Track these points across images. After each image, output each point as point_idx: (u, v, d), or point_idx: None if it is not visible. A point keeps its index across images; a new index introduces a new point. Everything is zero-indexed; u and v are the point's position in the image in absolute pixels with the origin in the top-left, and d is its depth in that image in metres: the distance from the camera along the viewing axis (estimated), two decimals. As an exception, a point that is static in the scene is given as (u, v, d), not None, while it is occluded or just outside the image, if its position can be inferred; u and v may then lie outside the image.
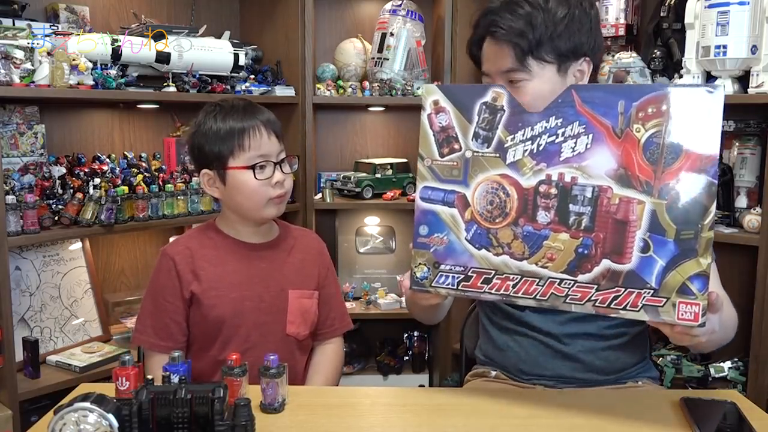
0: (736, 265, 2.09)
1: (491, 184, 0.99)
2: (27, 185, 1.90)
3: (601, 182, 0.93)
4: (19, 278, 2.01)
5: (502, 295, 0.99)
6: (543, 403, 1.09)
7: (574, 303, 0.95)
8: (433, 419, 1.03)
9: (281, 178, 1.35)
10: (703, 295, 0.90)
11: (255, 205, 1.35)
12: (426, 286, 1.03)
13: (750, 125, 2.06)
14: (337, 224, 2.67)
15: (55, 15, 2.11)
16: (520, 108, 0.97)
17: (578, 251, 0.95)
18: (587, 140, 0.94)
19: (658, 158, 0.91)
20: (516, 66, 1.15)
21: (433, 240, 1.02)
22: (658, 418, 1.03)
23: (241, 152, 1.33)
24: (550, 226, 0.96)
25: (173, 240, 1.43)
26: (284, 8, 2.48)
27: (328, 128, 2.80)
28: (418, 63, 2.58)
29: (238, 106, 1.37)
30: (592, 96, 0.93)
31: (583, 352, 1.24)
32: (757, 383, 1.90)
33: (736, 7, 1.87)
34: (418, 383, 2.59)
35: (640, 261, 0.92)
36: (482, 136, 0.99)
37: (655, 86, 0.92)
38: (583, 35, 1.16)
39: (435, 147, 1.01)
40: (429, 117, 1.01)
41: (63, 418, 0.82)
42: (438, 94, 1.01)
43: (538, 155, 0.96)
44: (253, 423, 0.91)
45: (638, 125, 0.91)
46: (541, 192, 0.96)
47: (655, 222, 0.91)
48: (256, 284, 1.38)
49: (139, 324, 1.38)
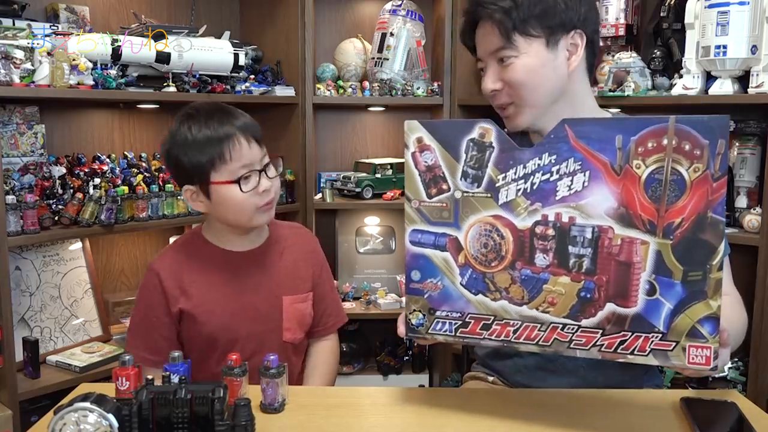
0: (736, 265, 2.09)
1: (484, 225, 0.93)
2: (27, 185, 1.90)
3: (601, 222, 0.88)
4: (19, 278, 2.01)
5: (503, 341, 0.95)
6: (543, 404, 1.09)
7: (578, 348, 0.91)
8: (433, 419, 1.03)
9: (267, 185, 1.29)
10: (714, 338, 0.85)
11: (243, 217, 1.29)
12: (422, 333, 0.99)
13: (750, 125, 2.06)
14: (337, 224, 2.67)
15: (55, 15, 2.11)
16: (510, 144, 0.91)
17: (580, 295, 0.90)
18: (584, 178, 0.88)
19: (661, 196, 0.86)
20: (503, 44, 1.14)
21: (427, 285, 0.97)
22: (658, 418, 1.03)
23: (223, 165, 1.25)
24: (550, 269, 0.91)
25: (160, 254, 1.38)
26: (284, 8, 2.48)
27: (328, 128, 2.81)
28: (418, 63, 2.58)
29: (211, 112, 1.28)
30: (587, 131, 0.88)
31: (584, 367, 1.21)
32: (757, 383, 1.90)
33: (736, 7, 1.87)
34: (418, 383, 2.59)
35: (646, 304, 0.87)
36: (471, 175, 0.93)
37: (654, 119, 0.85)
38: (571, 8, 1.15)
39: (422, 187, 0.95)
40: (413, 156, 0.95)
41: (63, 418, 0.82)
42: (421, 131, 0.94)
43: (533, 194, 0.91)
44: (253, 423, 0.91)
45: (638, 161, 0.86)
46: (538, 233, 0.91)
47: (661, 263, 0.86)
48: (249, 294, 1.34)
49: (130, 337, 1.35)
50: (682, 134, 0.83)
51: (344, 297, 2.51)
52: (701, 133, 0.83)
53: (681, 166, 0.84)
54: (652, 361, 0.88)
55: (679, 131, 0.84)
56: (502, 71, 1.17)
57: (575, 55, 1.17)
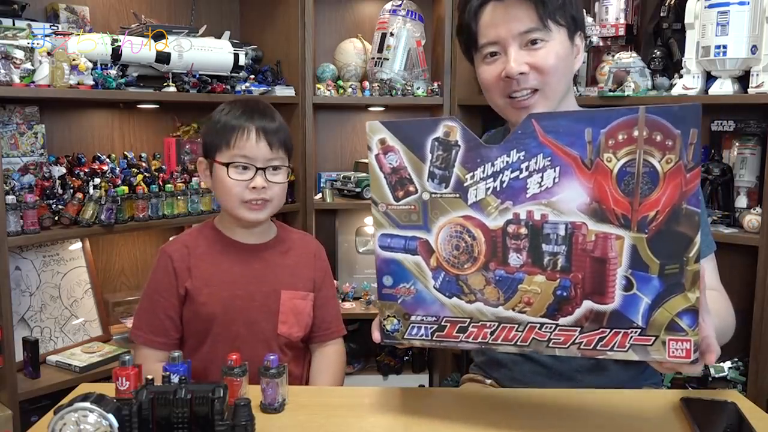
0: (736, 265, 2.09)
1: (454, 227, 0.90)
2: (27, 185, 1.90)
3: (574, 218, 0.85)
4: (19, 278, 2.01)
5: (481, 343, 0.93)
6: (542, 404, 1.09)
7: (557, 347, 0.89)
8: (432, 419, 1.03)
9: (260, 184, 1.34)
10: (694, 330, 0.83)
11: (229, 203, 1.36)
12: (398, 338, 0.96)
13: (750, 125, 2.06)
14: (337, 224, 2.67)
15: (55, 15, 2.11)
16: (476, 142, 0.88)
17: (557, 293, 0.88)
18: (554, 174, 0.85)
19: (634, 189, 0.83)
20: (537, 25, 1.09)
21: (400, 291, 0.94)
22: (658, 418, 1.03)
23: (226, 149, 1.35)
24: (524, 268, 0.88)
25: (172, 239, 1.46)
26: (284, 8, 2.48)
27: (328, 128, 2.81)
28: (418, 63, 2.58)
29: (246, 105, 1.39)
30: (555, 125, 0.84)
31: (580, 371, 1.21)
32: (757, 383, 1.90)
33: (736, 7, 1.87)
34: (418, 383, 2.60)
35: (623, 300, 0.85)
36: (438, 176, 0.90)
37: (622, 111, 0.82)
38: (580, 11, 1.15)
39: (388, 190, 0.92)
40: (377, 158, 0.92)
41: (63, 418, 0.82)
42: (384, 132, 0.91)
43: (503, 193, 0.88)
44: (253, 423, 0.91)
45: (609, 154, 0.83)
46: (510, 233, 0.88)
47: (637, 258, 0.84)
48: (249, 283, 1.38)
49: (136, 320, 1.41)
50: (653, 125, 0.81)
51: (344, 297, 2.51)
52: (672, 123, 0.80)
53: (653, 158, 0.82)
54: (632, 356, 0.87)
55: (650, 122, 0.81)
56: (530, 54, 1.11)
57: (579, 55, 1.17)
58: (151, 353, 1.35)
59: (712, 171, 2.05)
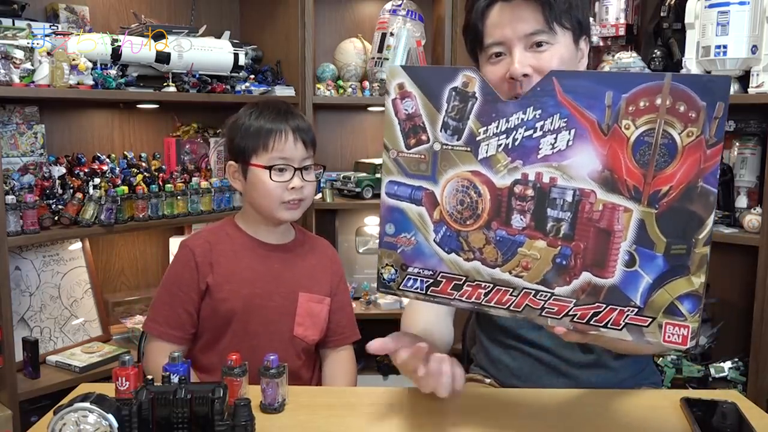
0: (736, 265, 2.09)
1: (461, 181, 0.89)
2: (27, 185, 1.90)
3: (584, 185, 0.83)
4: (19, 278, 2.01)
5: (473, 303, 0.91)
6: (542, 404, 1.09)
7: (550, 316, 0.87)
8: (432, 419, 1.03)
9: (298, 184, 1.37)
10: (694, 316, 0.80)
11: (269, 205, 1.38)
12: (393, 288, 0.96)
13: (750, 125, 2.06)
14: (337, 224, 2.67)
15: (55, 15, 2.11)
16: (493, 96, 0.86)
17: (556, 261, 0.85)
18: (569, 136, 0.82)
19: (650, 160, 0.79)
20: (543, 27, 1.08)
21: (401, 240, 0.93)
22: (658, 418, 1.03)
23: (264, 152, 1.36)
24: (526, 231, 0.86)
25: (193, 233, 1.49)
26: (284, 8, 2.48)
27: (328, 128, 2.80)
28: (418, 63, 2.58)
29: (275, 107, 1.41)
30: (576, 85, 0.81)
31: (578, 368, 1.21)
32: (757, 383, 1.90)
33: (736, 7, 1.87)
34: (418, 383, 2.59)
35: (624, 276, 0.82)
36: (452, 127, 0.88)
37: (649, 76, 0.79)
38: (588, 12, 1.14)
39: (401, 137, 0.91)
40: (394, 102, 0.91)
41: (63, 419, 0.81)
42: (403, 77, 0.90)
43: (514, 151, 0.85)
44: (253, 423, 0.91)
45: (628, 121, 0.80)
46: (517, 193, 0.86)
47: (643, 233, 0.81)
48: (268, 283, 1.40)
49: (152, 312, 1.40)
50: (678, 94, 0.77)
51: (344, 297, 2.51)
52: (699, 94, 0.76)
53: (674, 129, 0.78)
54: (626, 336, 0.84)
55: (675, 90, 0.77)
56: (535, 57, 1.10)
57: (583, 59, 1.17)
58: (164, 346, 1.35)
59: (713, 171, 2.04)
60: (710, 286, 2.17)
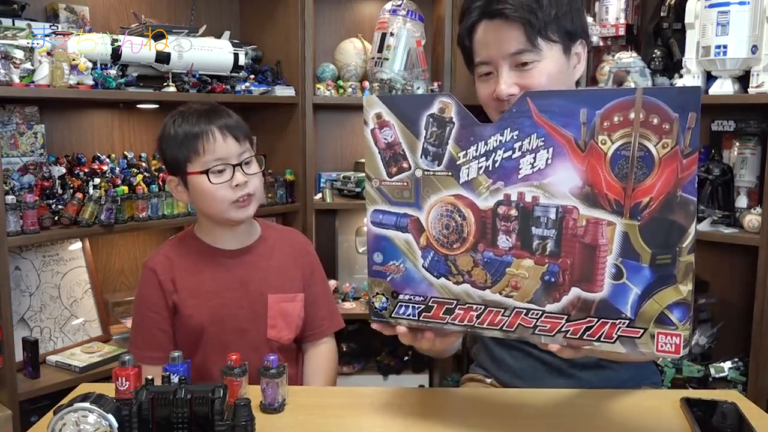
0: (736, 265, 2.09)
1: (445, 206, 0.90)
2: (27, 185, 1.90)
3: (566, 202, 0.83)
4: (18, 278, 2.00)
5: (467, 326, 0.91)
6: (542, 404, 1.09)
7: (543, 334, 0.87)
8: (432, 419, 1.03)
9: (242, 179, 1.33)
10: (684, 325, 0.81)
11: (218, 208, 1.34)
12: (386, 317, 0.96)
13: (750, 125, 2.06)
14: (337, 224, 2.67)
15: (54, 15, 2.11)
16: (470, 119, 0.87)
17: (544, 279, 0.86)
18: (547, 155, 0.84)
19: (628, 173, 0.80)
20: (526, 46, 1.08)
21: (389, 268, 0.94)
22: (658, 418, 1.03)
23: (197, 157, 1.32)
24: (513, 251, 0.87)
25: (154, 252, 1.45)
26: (284, 8, 2.48)
27: (328, 128, 2.80)
28: (418, 63, 2.58)
29: (197, 111, 1.37)
30: (551, 104, 0.83)
31: (580, 368, 1.21)
32: (757, 383, 1.90)
33: (737, 6, 1.87)
34: (418, 383, 2.59)
35: (612, 289, 0.83)
36: (432, 153, 0.89)
37: (620, 91, 0.80)
38: (581, 15, 1.13)
39: (382, 166, 0.92)
40: (373, 132, 0.91)
41: (63, 419, 0.82)
42: (380, 107, 0.90)
43: (494, 173, 0.86)
44: (253, 423, 0.91)
45: (604, 136, 0.81)
46: (500, 214, 0.87)
47: (628, 246, 0.82)
48: (234, 291, 1.37)
49: (132, 336, 1.42)
50: (650, 107, 0.78)
51: (344, 297, 2.51)
52: (670, 106, 0.78)
53: (649, 142, 0.79)
54: (619, 348, 0.84)
55: (647, 104, 0.79)
56: (521, 76, 1.10)
57: (579, 64, 1.16)
58: (151, 369, 1.31)
59: (713, 171, 2.04)
60: (710, 286, 2.18)
